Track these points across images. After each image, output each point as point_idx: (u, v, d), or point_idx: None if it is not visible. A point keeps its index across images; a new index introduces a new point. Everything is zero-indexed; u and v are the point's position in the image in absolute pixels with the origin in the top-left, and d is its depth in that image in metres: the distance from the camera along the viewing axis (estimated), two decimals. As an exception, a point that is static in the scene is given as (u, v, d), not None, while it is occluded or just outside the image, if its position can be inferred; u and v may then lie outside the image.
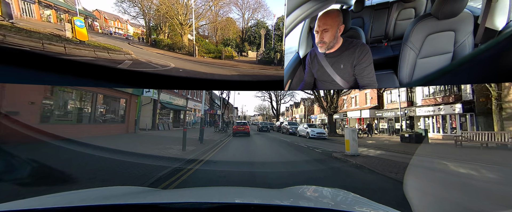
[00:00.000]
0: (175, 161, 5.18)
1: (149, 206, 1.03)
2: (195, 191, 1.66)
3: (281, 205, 1.22)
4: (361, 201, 1.36)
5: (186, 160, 5.42)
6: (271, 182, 3.87)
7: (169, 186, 3.45)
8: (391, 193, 3.46)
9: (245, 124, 17.92)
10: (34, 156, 4.65)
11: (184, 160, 5.32)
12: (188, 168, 4.71)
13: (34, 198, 1.15)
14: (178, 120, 22.67)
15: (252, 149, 9.00)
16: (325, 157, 7.24)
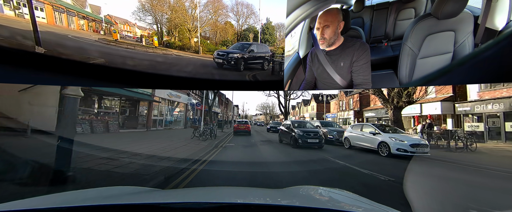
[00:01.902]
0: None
1: (149, 206, 1.03)
2: (195, 191, 1.66)
3: (281, 205, 1.22)
4: (361, 201, 1.36)
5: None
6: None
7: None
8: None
9: (246, 122, 19.45)
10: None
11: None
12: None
13: (34, 198, 1.15)
14: (136, 116, 14.60)
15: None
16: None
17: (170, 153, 6.37)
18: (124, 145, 6.64)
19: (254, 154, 7.88)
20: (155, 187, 3.63)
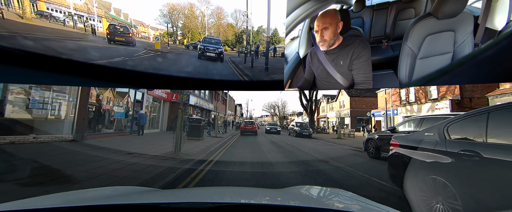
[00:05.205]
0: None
1: (149, 206, 1.03)
2: (195, 191, 1.66)
3: (281, 205, 1.22)
4: (361, 201, 1.36)
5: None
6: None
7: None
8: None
9: (252, 122, 21.12)
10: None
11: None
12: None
13: (34, 198, 1.15)
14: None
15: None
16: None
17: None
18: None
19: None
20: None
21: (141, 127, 12.61)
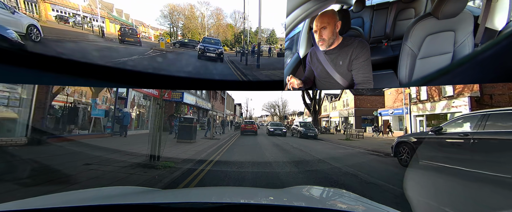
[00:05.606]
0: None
1: (149, 206, 1.03)
2: (195, 191, 1.66)
3: (281, 205, 1.22)
4: (362, 201, 1.36)
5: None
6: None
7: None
8: None
9: (252, 122, 20.89)
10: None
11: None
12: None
13: (34, 198, 1.15)
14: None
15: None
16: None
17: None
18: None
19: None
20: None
21: (125, 127, 11.06)
